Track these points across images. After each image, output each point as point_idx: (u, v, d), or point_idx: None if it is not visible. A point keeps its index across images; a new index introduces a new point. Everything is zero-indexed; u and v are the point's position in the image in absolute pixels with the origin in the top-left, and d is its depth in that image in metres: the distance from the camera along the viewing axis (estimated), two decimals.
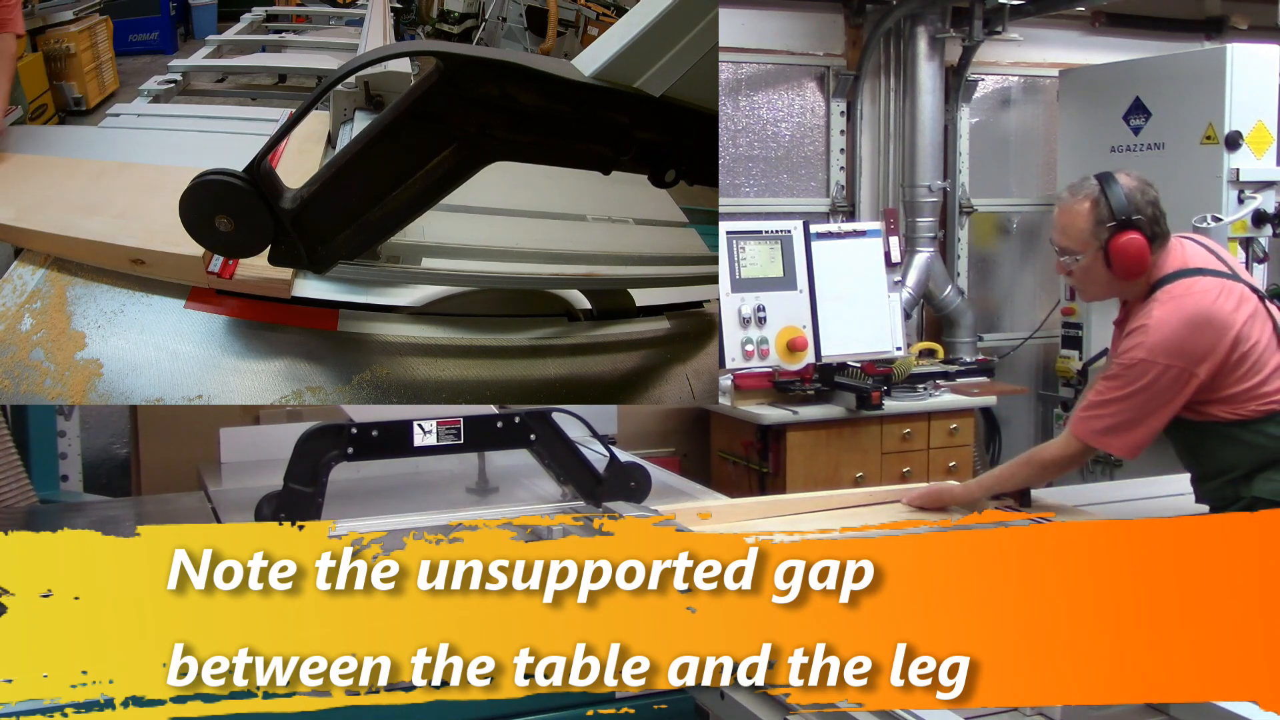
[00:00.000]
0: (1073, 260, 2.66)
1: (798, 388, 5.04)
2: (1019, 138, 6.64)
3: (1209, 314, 2.57)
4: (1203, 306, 2.58)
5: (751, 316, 4.84)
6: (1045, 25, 6.35)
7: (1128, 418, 2.60)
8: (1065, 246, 2.67)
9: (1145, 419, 2.60)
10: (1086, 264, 2.64)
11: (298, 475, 2.64)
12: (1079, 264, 2.65)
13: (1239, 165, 5.21)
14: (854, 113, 6.13)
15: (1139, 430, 2.61)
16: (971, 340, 6.12)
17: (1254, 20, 6.67)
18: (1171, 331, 2.55)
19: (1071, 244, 2.65)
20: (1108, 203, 2.59)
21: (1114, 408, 2.61)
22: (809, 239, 4.99)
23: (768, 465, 4.89)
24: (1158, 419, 2.60)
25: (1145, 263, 2.60)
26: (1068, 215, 2.65)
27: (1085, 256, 2.63)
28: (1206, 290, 2.59)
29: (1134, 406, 2.59)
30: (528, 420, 2.82)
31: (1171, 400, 2.58)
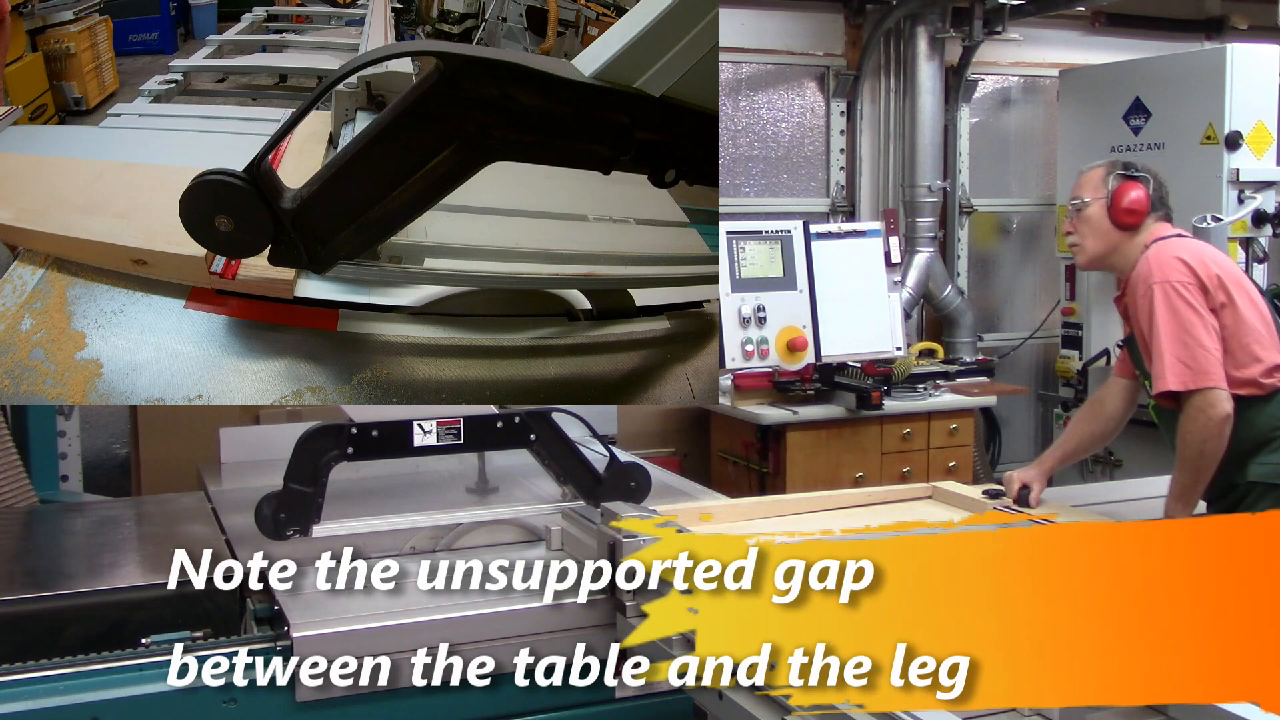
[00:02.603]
0: (1082, 207, 2.85)
1: (798, 388, 5.04)
2: (1019, 138, 6.64)
3: (1203, 248, 2.79)
4: (1199, 244, 2.81)
5: (751, 316, 4.84)
6: (1045, 25, 6.35)
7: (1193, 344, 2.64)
8: (1076, 195, 2.89)
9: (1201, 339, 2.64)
10: (1091, 211, 2.84)
11: (298, 475, 2.64)
12: (1085, 210, 2.84)
13: (1239, 165, 5.21)
14: (854, 113, 6.13)
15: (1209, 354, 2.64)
16: (971, 340, 6.11)
17: (1254, 20, 6.67)
18: (1170, 257, 2.71)
19: (1082, 192, 2.87)
20: (1122, 164, 2.87)
21: (1172, 348, 2.64)
22: (809, 239, 4.99)
23: (768, 465, 4.89)
24: (1211, 337, 2.65)
25: (1142, 210, 2.80)
26: (1086, 175, 2.91)
27: (1092, 203, 2.84)
28: (1199, 242, 2.83)
29: (1184, 329, 2.64)
30: (528, 420, 2.82)
31: (1205, 315, 2.65)
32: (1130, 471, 5.64)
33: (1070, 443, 3.09)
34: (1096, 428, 3.07)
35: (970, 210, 6.42)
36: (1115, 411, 3.03)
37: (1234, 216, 5.16)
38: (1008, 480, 2.98)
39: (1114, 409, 3.04)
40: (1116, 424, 3.06)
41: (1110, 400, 3.05)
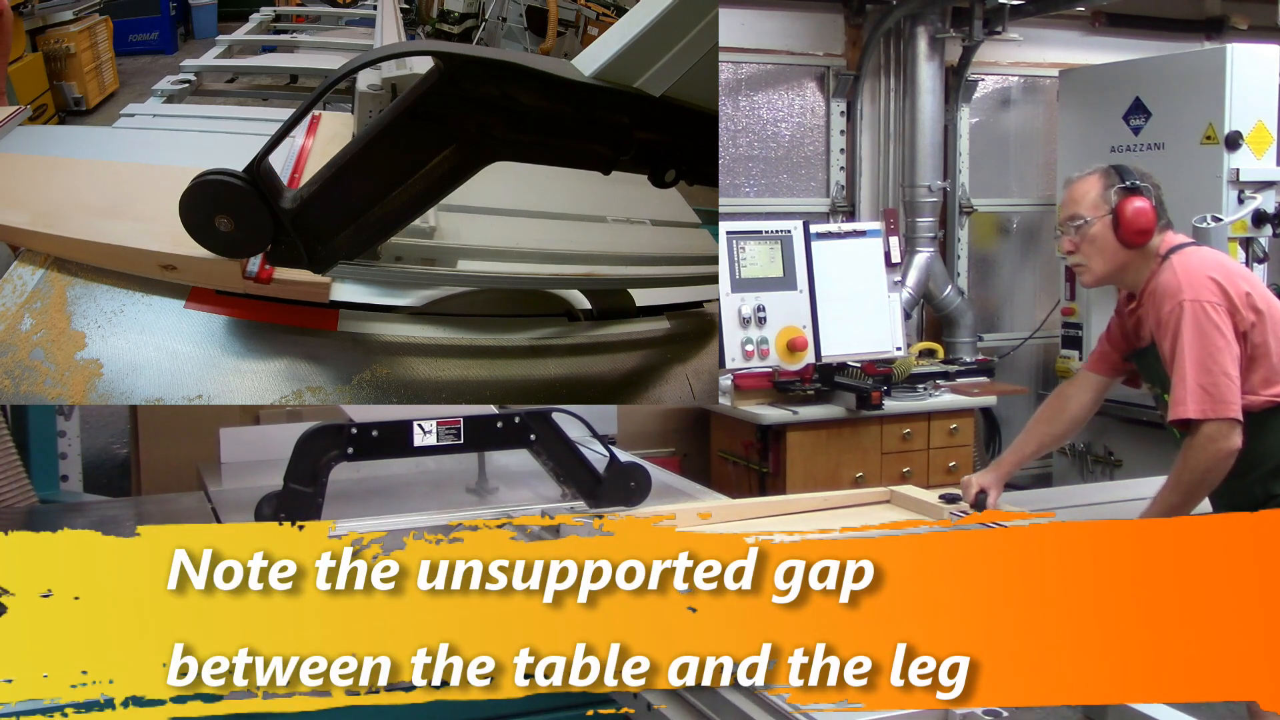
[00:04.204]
0: (1082, 226, 2.68)
1: (798, 388, 5.04)
2: (1019, 138, 6.64)
3: (1228, 262, 2.67)
4: (1223, 258, 2.68)
5: (751, 316, 4.84)
6: (1045, 25, 6.35)
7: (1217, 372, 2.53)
8: (1075, 213, 2.71)
9: (1226, 367, 2.53)
10: (1095, 230, 2.68)
11: (298, 475, 2.64)
12: (1088, 230, 2.68)
13: (1239, 165, 5.21)
14: (854, 113, 6.13)
15: (1232, 383, 2.53)
16: (971, 340, 6.12)
17: (1254, 20, 6.67)
18: (1201, 274, 2.58)
19: (1081, 209, 2.70)
20: (1118, 173, 2.69)
21: (1196, 373, 2.53)
22: (809, 239, 4.99)
23: (768, 465, 4.89)
24: (1234, 365, 2.54)
25: (1151, 228, 2.65)
26: (1079, 186, 2.72)
27: (1095, 221, 2.67)
28: (1219, 253, 2.70)
29: (1210, 354, 2.53)
30: (528, 420, 2.82)
31: (1231, 340, 2.54)
32: (1130, 471, 5.65)
33: (1029, 445, 3.00)
34: (1057, 429, 2.99)
35: (970, 210, 6.42)
36: (1078, 412, 2.95)
37: (1234, 216, 5.16)
38: (965, 484, 2.90)
39: (1077, 409, 2.95)
40: (1078, 425, 2.98)
41: (1075, 399, 2.96)
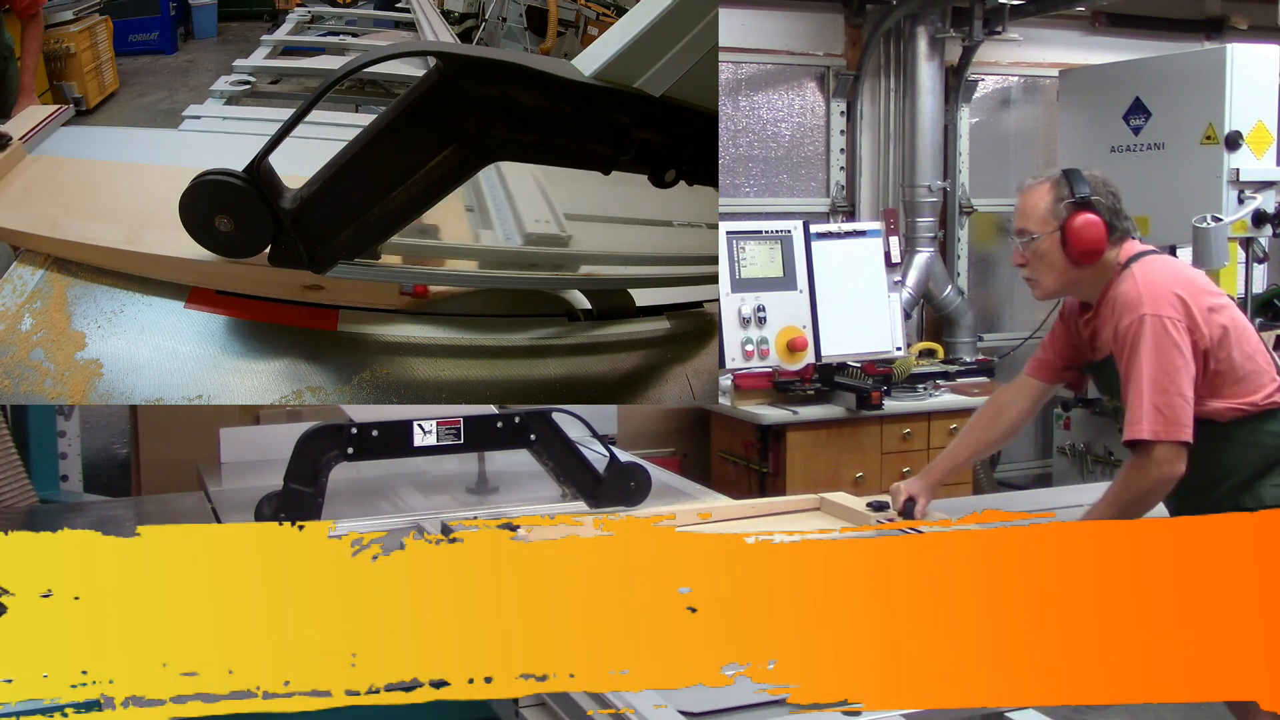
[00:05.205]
0: (1030, 241, 2.61)
1: (798, 388, 5.04)
2: (1019, 138, 6.64)
3: (1193, 275, 2.59)
4: (1186, 270, 2.61)
5: (751, 316, 4.84)
6: (1045, 25, 6.35)
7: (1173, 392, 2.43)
8: (1023, 227, 2.64)
9: (1182, 388, 2.43)
10: (1044, 246, 2.60)
11: (298, 475, 2.64)
12: (1036, 245, 2.61)
13: (1239, 165, 5.21)
14: (854, 113, 6.13)
15: (1187, 404, 2.43)
16: (971, 340, 6.12)
17: (1254, 20, 6.67)
18: (1165, 288, 2.49)
19: (1029, 224, 2.62)
20: (1068, 184, 2.59)
21: (1152, 393, 2.43)
22: (809, 239, 4.99)
23: (768, 465, 4.89)
24: (1189, 386, 2.44)
25: (1101, 247, 2.56)
26: (1028, 196, 2.64)
27: (1042, 237, 2.59)
28: (1182, 263, 2.62)
29: (1168, 374, 2.43)
30: (528, 420, 2.82)
31: (1189, 360, 2.44)
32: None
33: (963, 452, 2.94)
34: (992, 435, 2.92)
35: (970, 210, 6.42)
36: (1016, 418, 2.88)
37: (1234, 216, 5.16)
38: (894, 491, 2.85)
39: (1014, 415, 2.88)
40: (1014, 432, 2.91)
41: (1013, 405, 2.89)
